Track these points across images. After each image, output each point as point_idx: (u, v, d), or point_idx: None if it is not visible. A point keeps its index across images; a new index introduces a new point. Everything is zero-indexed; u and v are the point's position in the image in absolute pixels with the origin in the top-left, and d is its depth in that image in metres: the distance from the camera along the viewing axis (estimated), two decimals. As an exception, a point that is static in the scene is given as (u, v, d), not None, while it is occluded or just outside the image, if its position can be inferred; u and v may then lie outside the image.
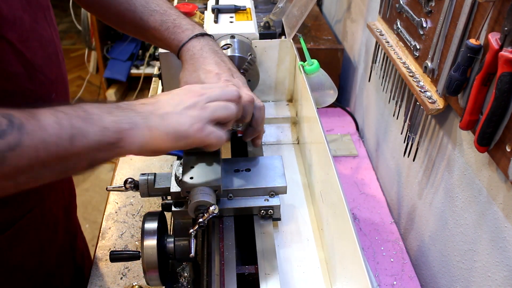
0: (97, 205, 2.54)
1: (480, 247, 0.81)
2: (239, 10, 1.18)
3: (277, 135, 1.20)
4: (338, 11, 1.71)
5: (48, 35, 0.78)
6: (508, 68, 0.62)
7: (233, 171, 0.88)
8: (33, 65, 0.74)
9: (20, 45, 0.70)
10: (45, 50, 0.78)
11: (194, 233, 0.74)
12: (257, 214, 0.87)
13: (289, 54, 1.20)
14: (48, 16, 0.79)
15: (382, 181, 1.26)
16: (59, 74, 0.83)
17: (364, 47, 1.40)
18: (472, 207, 0.82)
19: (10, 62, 0.69)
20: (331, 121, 1.46)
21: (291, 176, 1.06)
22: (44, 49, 0.77)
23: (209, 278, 0.76)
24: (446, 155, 0.91)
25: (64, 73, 0.86)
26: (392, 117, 1.16)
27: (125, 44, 2.91)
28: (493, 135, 0.69)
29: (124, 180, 0.84)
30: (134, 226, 1.04)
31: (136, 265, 0.93)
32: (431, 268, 1.00)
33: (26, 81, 0.73)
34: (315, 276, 0.84)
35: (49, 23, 0.80)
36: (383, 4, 1.11)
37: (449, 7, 0.80)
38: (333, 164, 0.77)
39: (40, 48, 0.76)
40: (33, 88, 0.75)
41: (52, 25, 0.81)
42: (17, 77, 0.72)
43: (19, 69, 0.71)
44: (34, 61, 0.74)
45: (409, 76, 0.94)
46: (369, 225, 1.12)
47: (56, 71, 0.81)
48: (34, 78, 0.75)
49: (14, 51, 0.69)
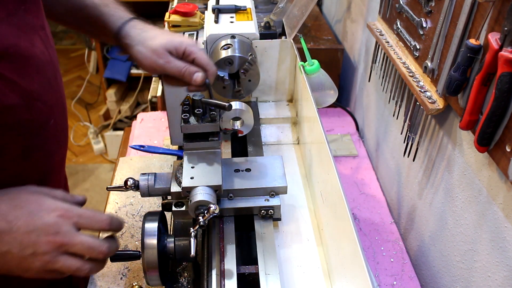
0: (97, 205, 2.54)
1: (480, 247, 0.81)
2: (240, 10, 1.18)
3: (277, 135, 1.20)
4: (338, 11, 1.71)
5: (46, 58, 0.76)
6: (508, 68, 0.62)
7: (233, 171, 0.89)
8: (30, 94, 0.72)
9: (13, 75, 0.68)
10: (43, 75, 0.75)
11: (194, 233, 0.74)
12: (258, 214, 0.87)
13: (290, 54, 1.20)
14: (43, 36, 0.77)
15: (382, 181, 1.26)
16: (58, 97, 0.81)
17: (364, 47, 1.40)
18: (472, 207, 0.82)
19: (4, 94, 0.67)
20: (331, 121, 1.46)
21: (291, 176, 1.06)
22: (42, 74, 0.75)
23: (209, 278, 0.76)
24: (446, 155, 0.91)
25: (62, 95, 0.84)
26: (392, 117, 1.16)
27: (125, 44, 2.91)
28: (493, 135, 0.69)
29: (124, 180, 0.84)
30: (134, 226, 1.04)
31: (136, 265, 0.93)
32: (431, 268, 1.00)
33: (23, 111, 0.71)
34: (315, 276, 0.84)
35: (46, 44, 0.77)
36: (383, 4, 1.11)
37: (449, 7, 0.80)
38: (333, 164, 0.77)
39: (37, 73, 0.74)
40: (30, 117, 0.73)
41: (49, 45, 0.78)
42: (14, 109, 0.70)
43: (15, 101, 0.69)
44: (31, 89, 0.72)
45: (409, 76, 0.94)
46: (369, 225, 1.12)
47: (55, 95, 0.79)
48: (31, 107, 0.73)
49: (7, 83, 0.67)
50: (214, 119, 0.84)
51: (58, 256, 0.64)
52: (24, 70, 0.70)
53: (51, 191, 0.71)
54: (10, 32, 0.67)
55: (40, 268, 0.64)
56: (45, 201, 0.66)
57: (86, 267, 0.67)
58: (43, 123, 0.77)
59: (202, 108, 0.84)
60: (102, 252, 0.67)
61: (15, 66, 0.68)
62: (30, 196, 0.66)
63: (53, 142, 0.82)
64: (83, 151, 3.13)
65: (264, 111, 1.25)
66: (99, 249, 0.67)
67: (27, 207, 0.64)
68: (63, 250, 0.65)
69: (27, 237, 0.62)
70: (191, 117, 0.85)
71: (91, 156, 3.11)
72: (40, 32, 0.76)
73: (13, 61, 0.68)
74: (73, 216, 0.66)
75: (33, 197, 0.66)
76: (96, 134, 3.11)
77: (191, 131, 0.85)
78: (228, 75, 1.00)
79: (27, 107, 0.72)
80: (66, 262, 0.65)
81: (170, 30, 1.11)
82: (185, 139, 0.87)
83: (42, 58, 0.75)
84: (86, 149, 3.14)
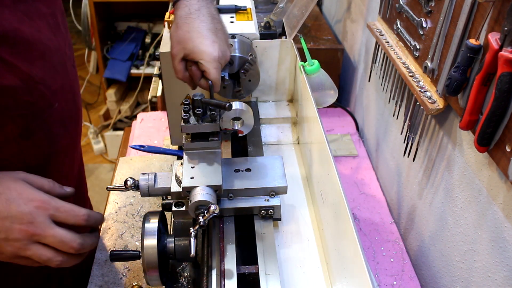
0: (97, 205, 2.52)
1: (480, 247, 0.81)
2: (240, 10, 1.18)
3: (277, 135, 1.20)
4: (338, 11, 1.71)
5: (53, 44, 0.77)
6: (508, 68, 0.62)
7: (233, 171, 0.89)
8: (31, 77, 0.73)
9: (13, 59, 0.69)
10: (49, 61, 0.76)
11: (194, 233, 0.74)
12: (258, 214, 0.87)
13: (290, 54, 1.20)
14: (53, 23, 0.77)
15: (382, 181, 1.26)
16: (65, 83, 0.81)
17: (364, 47, 1.40)
18: (472, 207, 0.82)
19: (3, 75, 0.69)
20: (331, 121, 1.46)
21: (291, 176, 1.06)
22: (47, 60, 0.76)
23: (209, 278, 0.76)
24: (446, 155, 0.91)
25: (73, 81, 0.85)
26: (392, 117, 1.16)
27: (125, 44, 2.91)
28: (493, 135, 0.69)
29: (124, 180, 0.84)
30: (134, 226, 1.04)
31: (136, 265, 0.93)
32: (431, 268, 1.00)
33: (24, 93, 0.73)
34: (315, 276, 0.84)
35: (55, 32, 0.78)
36: (383, 4, 1.11)
37: (449, 7, 0.80)
38: (333, 164, 0.77)
39: (42, 59, 0.75)
40: (32, 100, 0.74)
41: (59, 33, 0.79)
42: (13, 90, 0.71)
43: (15, 82, 0.70)
44: (33, 72, 0.73)
45: (409, 76, 0.94)
46: (369, 225, 1.12)
47: (61, 81, 0.80)
48: (33, 90, 0.74)
49: (6, 65, 0.69)
50: (214, 119, 0.84)
51: (30, 245, 0.66)
52: (25, 54, 0.71)
53: (38, 179, 0.71)
54: (12, 17, 0.69)
55: (11, 254, 0.66)
56: (25, 190, 0.67)
57: (58, 259, 0.68)
58: (46, 106, 0.77)
59: (202, 108, 0.84)
60: (73, 248, 0.68)
61: (16, 50, 0.70)
62: (12, 183, 0.67)
63: (58, 126, 0.82)
64: (83, 151, 3.11)
65: (264, 111, 1.25)
66: (70, 244, 0.68)
67: (6, 194, 0.66)
68: (35, 239, 0.66)
69: (1, 223, 0.64)
70: (191, 117, 0.85)
71: (91, 156, 3.11)
72: (50, 20, 0.77)
73: (14, 45, 0.69)
74: (50, 208, 0.67)
75: (15, 185, 0.67)
76: (96, 134, 3.11)
77: (191, 131, 0.85)
78: (228, 75, 1.00)
79: (28, 89, 0.73)
80: (37, 251, 0.66)
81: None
82: (186, 139, 0.87)
83: (49, 44, 0.76)
84: (86, 149, 3.13)
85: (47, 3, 0.76)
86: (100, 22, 2.77)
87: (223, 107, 0.82)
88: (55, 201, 0.69)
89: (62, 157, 0.88)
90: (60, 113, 0.81)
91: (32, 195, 0.67)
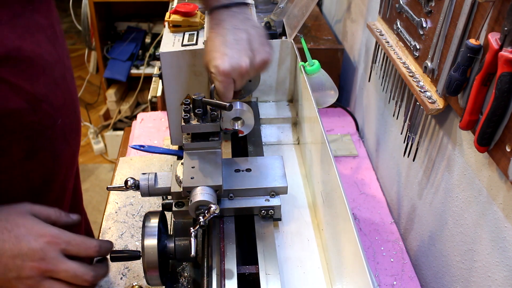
0: (97, 205, 2.54)
1: (480, 247, 0.81)
2: (240, 10, 1.17)
3: (277, 135, 1.20)
4: (338, 11, 1.72)
5: (53, 58, 0.75)
6: (508, 68, 0.62)
7: (233, 171, 0.89)
8: (35, 96, 0.71)
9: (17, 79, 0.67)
10: (50, 76, 0.74)
11: (194, 233, 0.74)
12: (258, 214, 0.87)
13: (290, 55, 1.20)
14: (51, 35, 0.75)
15: (382, 181, 1.26)
16: (67, 97, 0.80)
17: (364, 47, 1.40)
18: (472, 207, 0.82)
19: (8, 99, 0.67)
20: (331, 121, 1.46)
21: (291, 176, 1.06)
22: (49, 75, 0.74)
23: (209, 278, 0.76)
24: (446, 155, 0.91)
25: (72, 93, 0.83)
26: (392, 117, 1.16)
27: (125, 44, 2.91)
28: (493, 135, 0.69)
29: (124, 180, 0.84)
30: (134, 226, 1.04)
31: (136, 265, 0.93)
32: (431, 268, 1.00)
33: (28, 114, 0.71)
34: (316, 276, 0.84)
35: (54, 43, 0.76)
36: (383, 4, 1.11)
37: (449, 7, 0.80)
38: (334, 164, 0.77)
39: (44, 74, 0.73)
40: (36, 120, 0.73)
41: (57, 44, 0.77)
42: (19, 113, 0.69)
43: (20, 104, 0.69)
44: (36, 91, 0.71)
45: (409, 76, 0.94)
46: (369, 225, 1.12)
47: (62, 95, 0.78)
48: (37, 109, 0.72)
49: (11, 87, 0.67)
50: (214, 119, 0.84)
51: (43, 281, 0.65)
52: (28, 72, 0.70)
53: (44, 210, 0.70)
54: (13, 34, 0.67)
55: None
56: (34, 225, 0.66)
57: None
58: (50, 124, 0.76)
59: (202, 108, 0.84)
60: (87, 281, 0.68)
61: (19, 70, 0.68)
62: (20, 219, 0.66)
63: (61, 141, 0.81)
64: (83, 151, 3.13)
65: (265, 111, 1.25)
66: (84, 277, 0.67)
67: (15, 231, 0.64)
68: (47, 275, 0.65)
69: (12, 261, 0.63)
70: (191, 117, 0.85)
71: (91, 156, 3.11)
72: (48, 32, 0.75)
73: (16, 64, 0.67)
74: (61, 242, 0.67)
75: (23, 221, 0.66)
76: (96, 134, 3.11)
77: (191, 131, 0.86)
78: None
79: (33, 109, 0.71)
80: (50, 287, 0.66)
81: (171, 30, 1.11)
82: (186, 139, 0.87)
83: (49, 58, 0.74)
84: (86, 149, 3.13)
85: (44, 14, 0.74)
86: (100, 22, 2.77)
87: (224, 107, 0.82)
88: (65, 234, 0.68)
89: (64, 171, 0.87)
90: (62, 128, 0.80)
91: (42, 230, 0.66)
